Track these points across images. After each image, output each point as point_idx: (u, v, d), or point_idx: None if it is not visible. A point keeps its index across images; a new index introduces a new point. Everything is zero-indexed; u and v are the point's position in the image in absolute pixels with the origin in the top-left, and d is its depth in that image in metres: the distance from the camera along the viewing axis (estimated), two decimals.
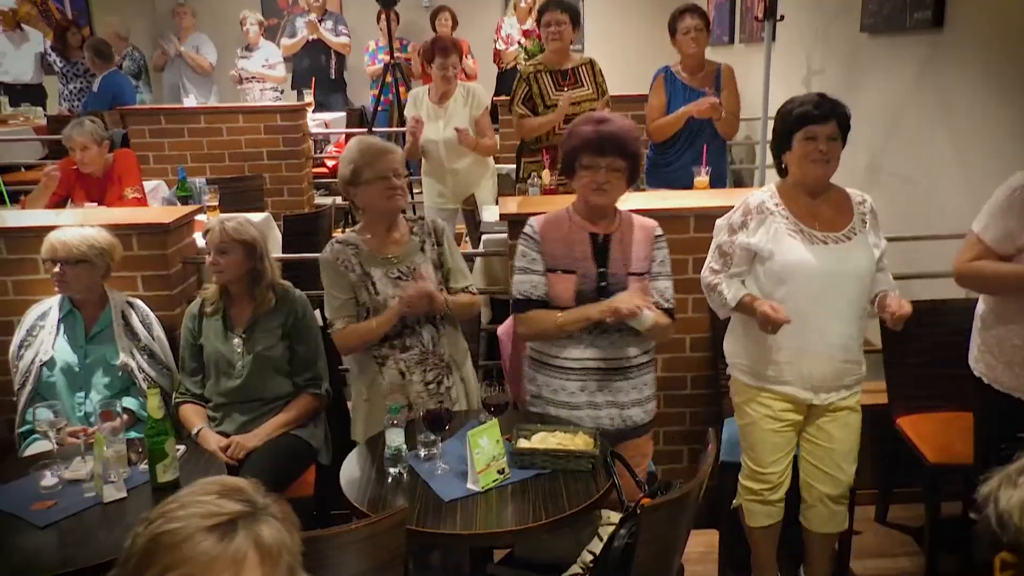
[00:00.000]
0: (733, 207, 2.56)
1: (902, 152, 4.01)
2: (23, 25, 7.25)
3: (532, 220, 2.52)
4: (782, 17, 4.72)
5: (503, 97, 6.15)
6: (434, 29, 7.31)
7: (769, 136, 4.96)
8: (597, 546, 2.13)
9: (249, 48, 7.15)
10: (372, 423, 2.59)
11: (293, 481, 2.75)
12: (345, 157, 2.61)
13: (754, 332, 2.43)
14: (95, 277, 2.78)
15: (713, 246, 2.57)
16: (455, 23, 7.28)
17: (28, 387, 2.77)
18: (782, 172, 2.50)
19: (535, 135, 4.16)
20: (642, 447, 2.55)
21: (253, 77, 7.08)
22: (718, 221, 2.58)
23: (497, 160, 4.82)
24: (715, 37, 6.99)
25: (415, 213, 4.95)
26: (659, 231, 2.54)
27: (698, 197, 3.53)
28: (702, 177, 3.79)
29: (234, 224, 2.75)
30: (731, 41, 6.84)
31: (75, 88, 7.03)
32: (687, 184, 3.85)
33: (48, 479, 2.17)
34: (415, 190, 6.35)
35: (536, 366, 2.53)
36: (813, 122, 2.34)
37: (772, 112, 4.77)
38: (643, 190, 4.16)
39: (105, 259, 2.78)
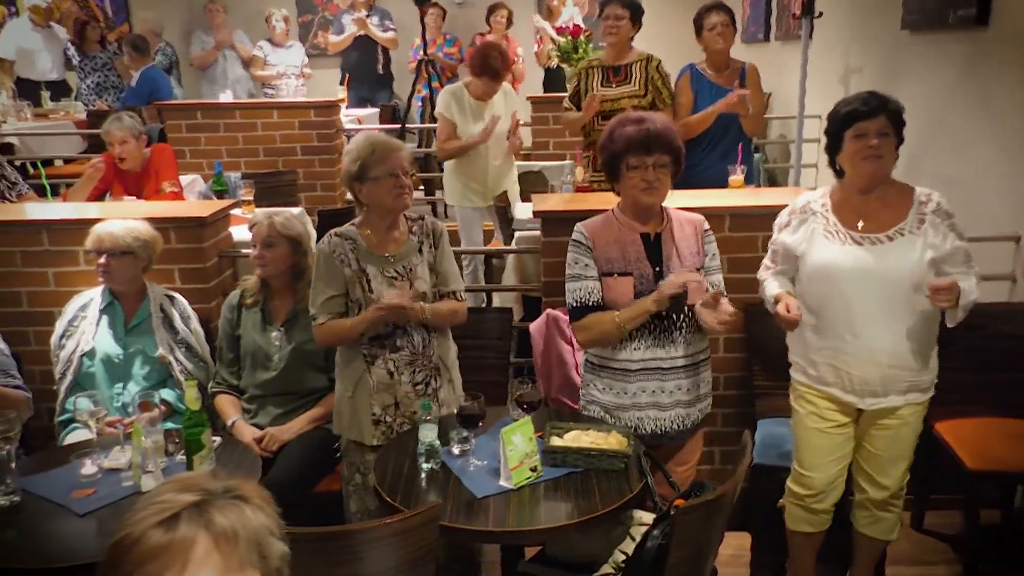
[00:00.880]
0: (771, 205, 2.55)
1: (944, 153, 3.93)
2: (52, 23, 7.36)
3: (580, 226, 2.49)
4: (820, 14, 4.65)
5: (546, 94, 6.14)
6: (488, 25, 7.31)
7: (806, 135, 4.94)
8: (629, 546, 2.11)
9: (273, 43, 7.20)
10: (355, 420, 2.56)
11: (325, 475, 2.77)
12: (352, 151, 2.56)
13: (798, 329, 2.41)
14: (137, 269, 2.82)
15: (769, 244, 2.57)
16: (510, 21, 7.26)
17: (68, 377, 2.81)
18: (837, 173, 2.47)
19: (570, 130, 4.17)
20: (696, 444, 2.55)
21: (286, 74, 7.14)
22: (776, 219, 2.57)
23: (528, 157, 4.82)
24: (750, 34, 6.93)
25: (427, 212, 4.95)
26: (707, 225, 2.54)
27: (734, 196, 3.49)
28: (737, 176, 3.75)
29: (282, 219, 2.77)
30: (766, 39, 6.76)
31: (93, 83, 7.14)
32: (717, 183, 3.81)
33: (88, 467, 2.21)
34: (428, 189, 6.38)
35: (595, 370, 2.50)
36: (862, 118, 2.30)
37: (809, 111, 4.76)
38: None
39: (148, 251, 2.82)
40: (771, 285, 2.48)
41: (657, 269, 2.42)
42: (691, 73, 4.12)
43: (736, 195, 3.54)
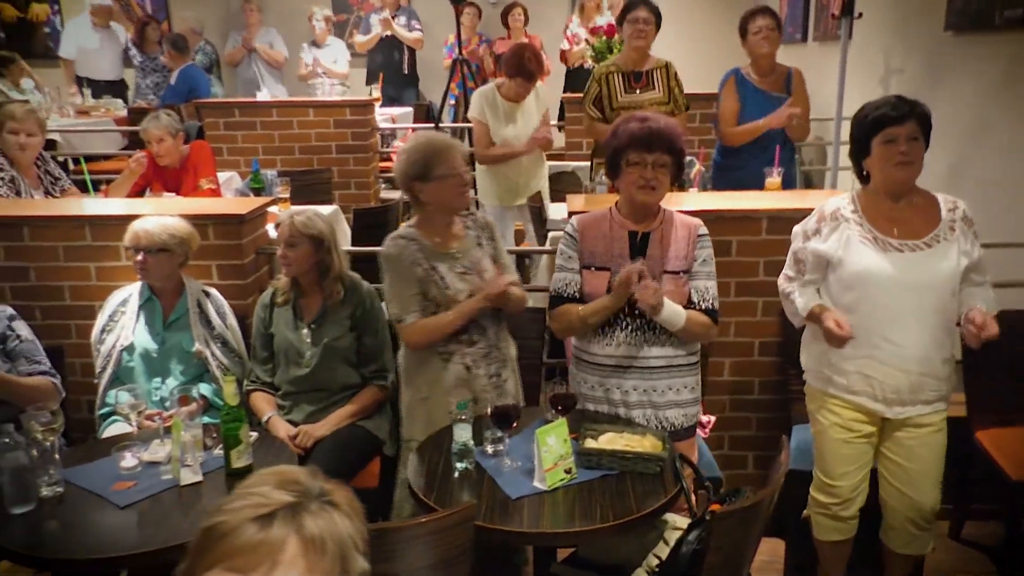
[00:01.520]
0: (807, 209, 2.51)
1: (989, 157, 3.86)
2: (111, 23, 7.48)
3: (574, 218, 2.56)
4: (860, 14, 4.58)
5: (569, 95, 6.13)
6: (506, 25, 7.33)
7: (844, 137, 4.87)
8: (663, 550, 2.10)
9: (316, 43, 7.26)
10: (432, 421, 2.59)
11: (358, 471, 2.79)
12: (411, 150, 2.59)
13: (821, 337, 2.38)
14: (174, 265, 2.86)
15: (790, 252, 2.53)
16: (527, 19, 7.27)
17: (108, 371, 2.85)
18: (863, 179, 2.43)
19: (597, 138, 4.15)
20: (684, 451, 2.51)
21: (321, 72, 7.20)
22: (795, 227, 2.53)
23: (562, 158, 4.81)
24: (787, 35, 6.82)
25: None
26: (703, 230, 2.52)
27: (771, 198, 3.46)
28: (774, 178, 3.72)
29: (303, 218, 2.79)
30: (804, 39, 6.69)
31: (151, 82, 7.26)
32: (754, 186, 3.77)
33: (128, 460, 2.24)
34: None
35: (576, 363, 2.57)
36: (891, 124, 2.27)
37: (846, 112, 4.69)
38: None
39: (184, 248, 2.85)
40: (800, 298, 2.43)
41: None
42: (735, 78, 4.08)
43: (773, 197, 3.50)
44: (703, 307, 2.45)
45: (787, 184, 3.93)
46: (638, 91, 4.05)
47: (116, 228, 3.03)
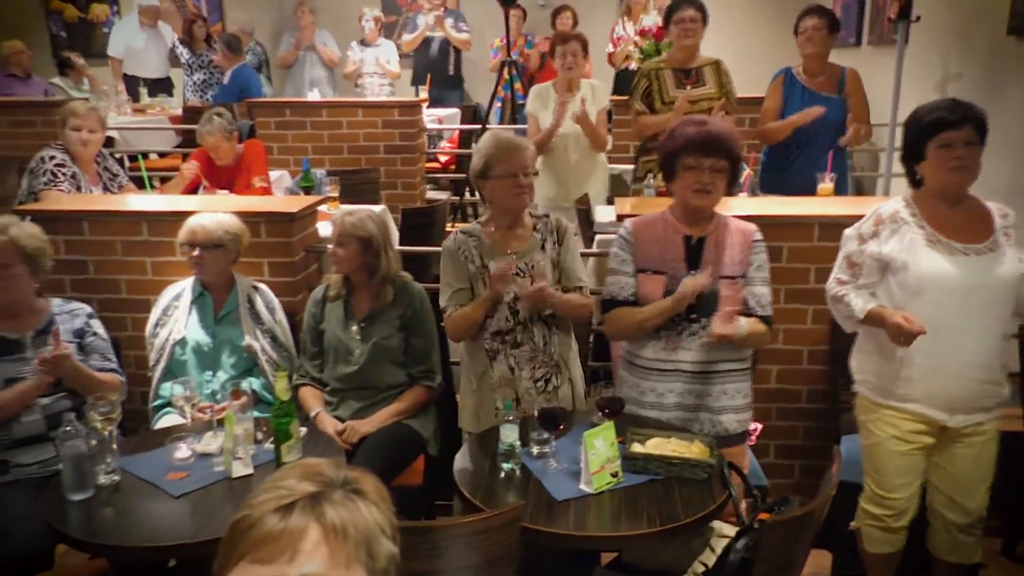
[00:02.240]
0: (860, 216, 2.47)
1: None
2: (159, 22, 7.66)
3: (627, 221, 2.55)
4: (918, 18, 4.49)
5: (616, 97, 6.10)
6: (554, 27, 7.34)
7: (898, 144, 4.77)
8: (709, 558, 2.08)
9: (365, 43, 7.34)
10: (481, 414, 2.65)
11: (403, 469, 2.81)
12: (479, 149, 2.65)
13: (884, 346, 2.33)
14: (228, 261, 2.91)
15: (840, 256, 2.48)
16: (575, 22, 7.27)
17: (162, 364, 2.91)
18: (915, 183, 2.38)
19: (650, 133, 4.11)
20: (735, 458, 2.49)
21: (372, 72, 7.27)
22: (846, 231, 2.49)
23: (611, 160, 4.78)
24: (840, 39, 6.71)
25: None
26: (758, 235, 2.50)
27: (823, 204, 3.40)
28: (827, 184, 3.66)
29: (354, 219, 2.82)
30: (858, 43, 6.56)
31: (198, 80, 7.40)
32: (803, 190, 3.72)
33: (182, 451, 2.29)
34: None
35: (627, 366, 2.55)
36: (948, 128, 2.23)
37: (902, 119, 4.59)
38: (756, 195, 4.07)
39: (237, 244, 2.91)
40: (857, 300, 2.38)
41: (692, 272, 2.41)
42: (785, 77, 4.04)
43: (825, 203, 3.45)
44: (759, 313, 2.43)
45: (839, 190, 3.87)
46: (688, 87, 4.01)
47: (172, 224, 3.09)
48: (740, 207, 3.16)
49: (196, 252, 2.84)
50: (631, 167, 4.64)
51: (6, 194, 4.76)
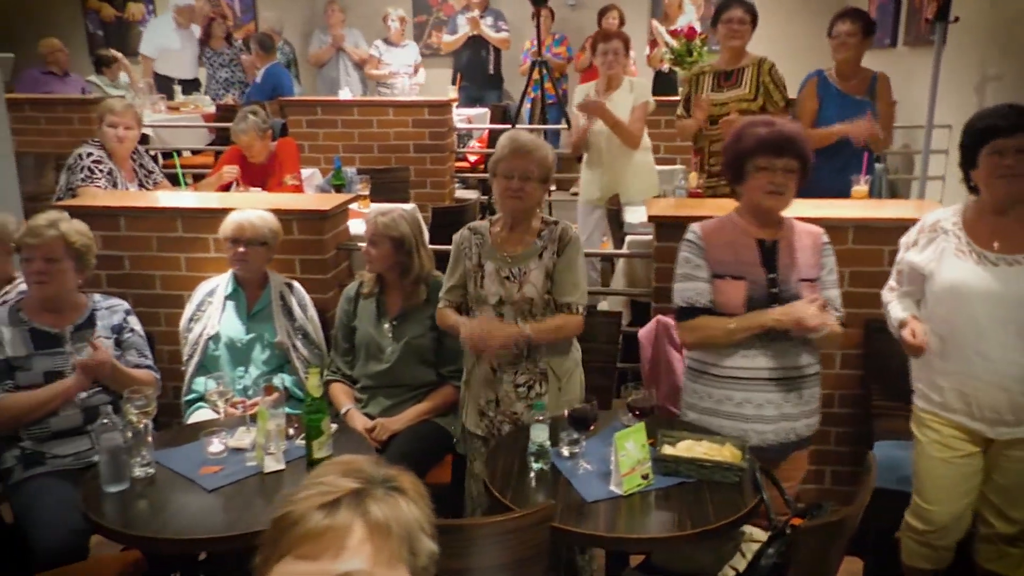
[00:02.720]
0: (896, 219, 2.46)
1: None
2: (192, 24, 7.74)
3: (694, 226, 2.46)
4: (956, 19, 4.42)
5: (656, 97, 6.08)
6: (600, 27, 7.31)
7: (933, 145, 4.72)
8: (740, 563, 2.07)
9: (390, 43, 7.36)
10: (467, 408, 2.67)
11: (431, 468, 2.82)
12: (496, 146, 2.63)
13: (903, 348, 2.33)
14: (268, 258, 2.95)
15: (895, 263, 2.48)
16: (622, 22, 7.24)
17: (195, 359, 2.95)
18: (972, 190, 2.35)
19: (686, 137, 4.11)
20: (801, 461, 2.48)
21: (400, 72, 7.30)
22: (901, 238, 2.48)
23: (661, 162, 4.73)
24: (876, 40, 6.64)
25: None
26: (826, 238, 2.47)
27: (858, 207, 3.36)
28: (861, 187, 3.61)
29: (386, 219, 2.83)
30: (893, 44, 6.49)
31: (221, 77, 7.48)
32: (832, 193, 3.66)
33: (215, 446, 2.31)
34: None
35: (696, 376, 2.46)
36: (999, 135, 2.19)
37: (938, 120, 4.53)
38: None
39: (276, 241, 2.95)
40: (896, 308, 2.38)
41: (772, 276, 2.36)
42: (818, 79, 3.99)
43: (860, 206, 3.40)
44: (835, 315, 2.37)
45: (873, 193, 3.83)
46: (725, 90, 3.98)
47: (206, 221, 3.14)
48: None
49: (241, 248, 2.87)
50: (662, 168, 4.61)
51: (43, 190, 4.84)
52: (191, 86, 7.69)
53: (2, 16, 3.46)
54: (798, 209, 3.17)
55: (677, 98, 5.21)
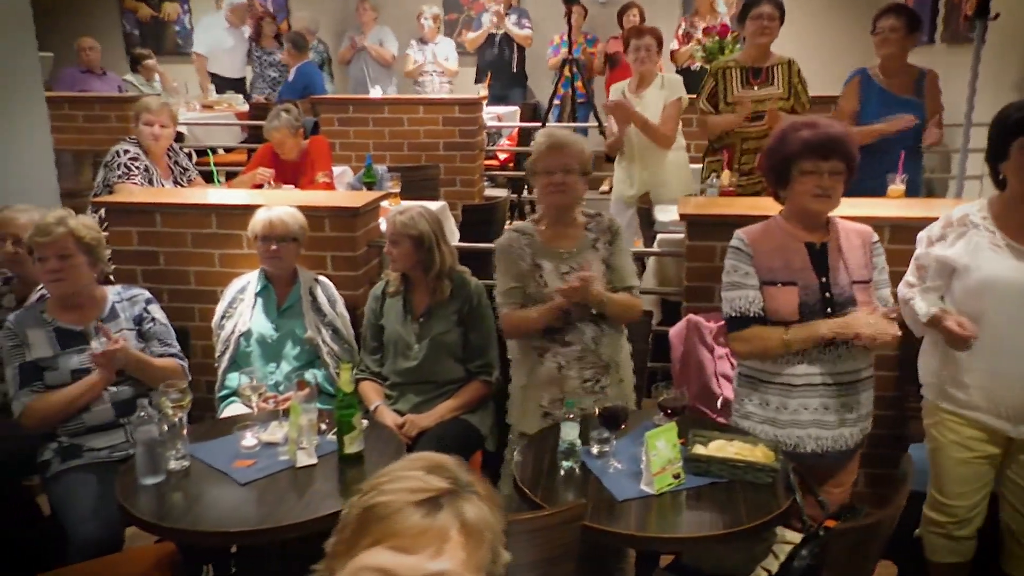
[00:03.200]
0: (934, 219, 2.42)
1: None
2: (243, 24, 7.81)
3: (740, 232, 2.41)
4: (996, 15, 4.33)
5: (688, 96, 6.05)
6: (621, 25, 7.28)
7: (972, 145, 4.63)
8: (772, 564, 2.05)
9: (424, 41, 7.39)
10: (526, 411, 2.66)
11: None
12: (532, 146, 2.64)
13: (945, 350, 2.28)
14: (297, 253, 2.97)
15: (912, 258, 2.42)
16: (642, 19, 7.21)
17: (228, 355, 2.98)
18: (999, 184, 2.30)
19: (717, 133, 4.06)
20: (854, 465, 2.46)
21: (432, 69, 7.32)
22: (920, 233, 2.43)
23: (692, 160, 4.69)
24: None
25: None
26: (875, 237, 2.43)
27: (894, 206, 3.31)
28: (897, 186, 3.56)
29: (404, 218, 2.84)
30: (931, 40, 6.38)
31: (268, 77, 7.55)
32: (870, 193, 3.61)
33: (248, 440, 2.33)
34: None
35: (753, 383, 2.40)
36: None
37: (977, 119, 4.44)
38: None
39: (305, 236, 2.97)
40: (921, 303, 2.33)
41: (823, 280, 2.31)
42: (861, 78, 3.93)
43: (896, 205, 3.35)
44: (890, 317, 2.33)
45: (911, 192, 3.76)
46: (756, 87, 3.94)
47: (240, 218, 3.16)
48: None
49: (274, 246, 2.89)
50: (696, 167, 4.58)
51: (81, 187, 4.92)
52: (238, 85, 7.76)
53: (41, 15, 3.53)
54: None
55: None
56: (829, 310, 2.28)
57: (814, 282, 2.30)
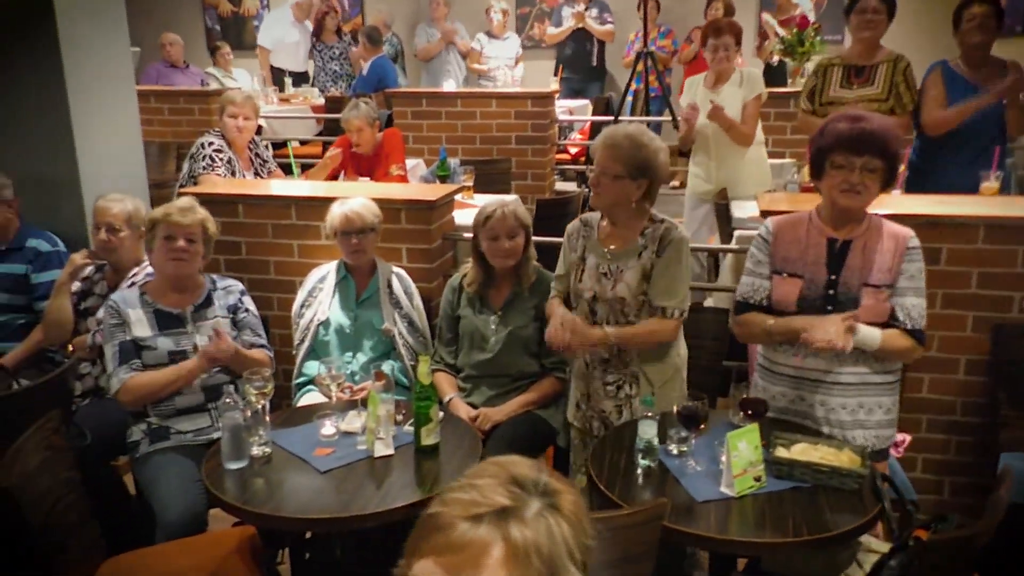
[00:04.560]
0: None
1: None
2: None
3: (770, 220, 2.44)
4: None
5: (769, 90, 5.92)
6: (706, 17, 7.17)
7: None
8: (856, 573, 1.99)
9: (492, 35, 7.39)
10: (570, 399, 2.71)
11: (535, 459, 2.81)
12: None
13: None
14: (376, 242, 3.03)
15: None
16: (728, 11, 7.07)
17: (306, 344, 3.03)
18: None
19: (811, 133, 3.94)
20: None
21: (500, 65, 7.33)
22: None
23: (771, 155, 4.60)
24: (1004, 27, 6.26)
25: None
26: (914, 242, 2.31)
27: (989, 204, 3.17)
28: (991, 183, 3.42)
29: (518, 210, 2.86)
30: (1023, 31, 6.10)
31: (330, 70, 7.67)
32: (957, 189, 3.46)
33: (327, 428, 2.37)
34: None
35: (760, 371, 2.48)
36: None
37: None
38: None
39: (381, 226, 3.01)
40: None
41: (832, 277, 2.28)
42: (942, 69, 3.77)
43: (991, 203, 3.21)
44: (908, 327, 2.26)
45: (1003, 189, 3.61)
46: (855, 86, 3.78)
47: (318, 209, 3.22)
48: (897, 205, 3.00)
49: (355, 240, 2.94)
50: (777, 161, 4.47)
51: (165, 177, 5.08)
52: (300, 79, 7.93)
53: (128, 12, 3.68)
54: (922, 206, 3.03)
55: (786, 90, 5.03)
56: (830, 307, 2.27)
57: (822, 278, 2.30)
